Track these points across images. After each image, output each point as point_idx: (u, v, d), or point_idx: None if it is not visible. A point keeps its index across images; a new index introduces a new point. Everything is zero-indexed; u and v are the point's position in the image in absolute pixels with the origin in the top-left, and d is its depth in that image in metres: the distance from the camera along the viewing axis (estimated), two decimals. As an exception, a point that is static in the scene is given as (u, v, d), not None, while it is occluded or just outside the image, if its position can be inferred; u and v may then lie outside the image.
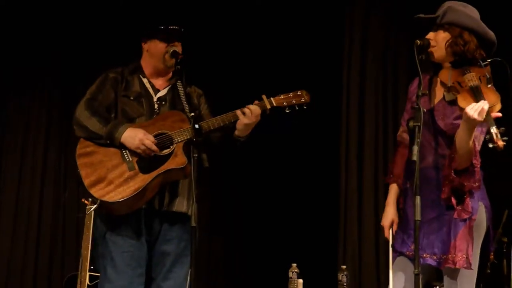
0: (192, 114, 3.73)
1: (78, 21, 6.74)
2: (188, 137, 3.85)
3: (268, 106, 4.00)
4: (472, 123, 3.26)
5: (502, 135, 3.18)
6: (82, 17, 6.72)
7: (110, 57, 6.39)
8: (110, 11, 6.64)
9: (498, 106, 3.35)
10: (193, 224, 3.53)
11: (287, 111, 4.05)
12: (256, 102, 4.00)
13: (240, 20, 6.62)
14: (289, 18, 6.57)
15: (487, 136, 3.19)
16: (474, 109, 3.23)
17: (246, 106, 3.96)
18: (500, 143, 3.15)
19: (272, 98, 4.03)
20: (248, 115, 3.93)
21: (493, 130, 3.18)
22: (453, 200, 3.46)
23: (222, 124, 3.95)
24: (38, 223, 6.73)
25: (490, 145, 3.17)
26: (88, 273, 5.49)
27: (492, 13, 3.99)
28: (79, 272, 5.55)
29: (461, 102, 3.36)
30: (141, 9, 6.31)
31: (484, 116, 3.22)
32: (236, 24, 6.62)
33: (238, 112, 3.95)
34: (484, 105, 3.22)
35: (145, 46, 4.15)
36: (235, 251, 6.78)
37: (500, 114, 3.27)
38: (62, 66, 6.86)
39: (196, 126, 3.68)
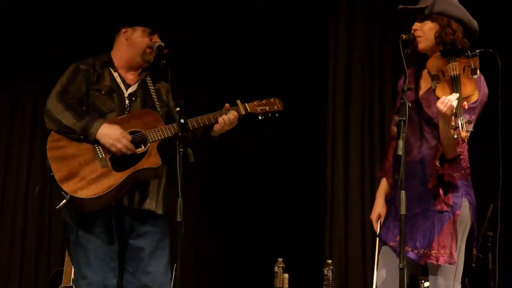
0: (178, 109, 3.71)
1: (68, 14, 6.70)
2: (163, 137, 3.82)
3: (243, 112, 3.99)
4: (444, 116, 3.30)
5: (467, 126, 3.21)
6: (73, 11, 6.68)
7: (99, 51, 6.37)
8: (101, 5, 6.60)
9: (474, 97, 3.39)
10: (179, 219, 3.52)
11: (260, 118, 4.04)
12: (227, 106, 3.98)
13: (219, 18, 6.61)
14: (275, 17, 6.57)
15: (453, 126, 3.22)
16: (443, 103, 3.27)
17: (224, 113, 3.95)
18: (463, 134, 3.19)
19: (246, 104, 4.02)
20: (226, 122, 3.93)
21: (460, 121, 3.22)
22: (441, 191, 3.47)
23: (200, 125, 3.93)
24: (24, 218, 6.71)
25: (455, 136, 3.20)
26: (73, 268, 5.48)
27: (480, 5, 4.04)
28: (64, 267, 5.55)
29: (438, 91, 3.41)
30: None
31: (452, 110, 3.25)
32: (215, 21, 6.61)
33: (215, 117, 3.94)
34: (453, 99, 3.26)
35: (125, 35, 4.05)
36: (221, 245, 6.78)
37: (466, 105, 3.30)
38: (49, 58, 6.79)
39: (182, 120, 3.67)
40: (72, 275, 5.51)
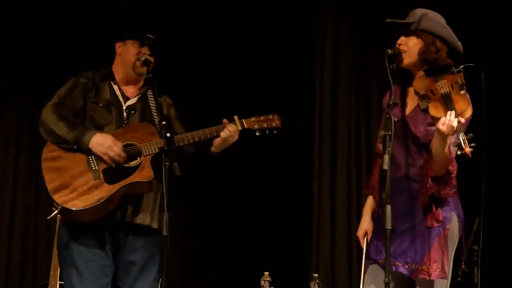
0: (164, 122, 3.72)
1: (53, 22, 6.67)
2: (157, 150, 3.81)
3: (240, 128, 4.00)
4: (444, 136, 3.30)
5: (470, 141, 3.22)
6: (59, 18, 6.65)
7: (85, 60, 6.34)
8: (89, 14, 6.58)
9: (468, 113, 3.40)
10: (165, 233, 3.52)
11: (258, 134, 4.05)
12: (225, 121, 3.98)
13: (208, 29, 6.61)
14: (261, 29, 6.57)
15: (455, 143, 3.23)
16: (444, 124, 3.28)
17: (222, 128, 3.94)
18: (468, 150, 3.19)
19: (244, 120, 4.02)
20: (227, 137, 3.93)
21: (461, 137, 3.23)
22: (433, 208, 3.48)
23: (196, 140, 3.93)
24: (9, 229, 6.64)
25: (459, 152, 3.21)
26: (58, 282, 5.45)
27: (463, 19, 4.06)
28: (49, 281, 5.51)
29: (432, 110, 3.40)
30: (115, 14, 6.28)
31: (454, 130, 3.25)
32: (204, 32, 6.61)
33: (211, 132, 3.94)
34: (453, 120, 3.26)
35: (118, 50, 4.09)
36: (207, 259, 6.75)
37: (463, 120, 3.31)
38: (34, 66, 6.75)
39: (168, 134, 3.67)
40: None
